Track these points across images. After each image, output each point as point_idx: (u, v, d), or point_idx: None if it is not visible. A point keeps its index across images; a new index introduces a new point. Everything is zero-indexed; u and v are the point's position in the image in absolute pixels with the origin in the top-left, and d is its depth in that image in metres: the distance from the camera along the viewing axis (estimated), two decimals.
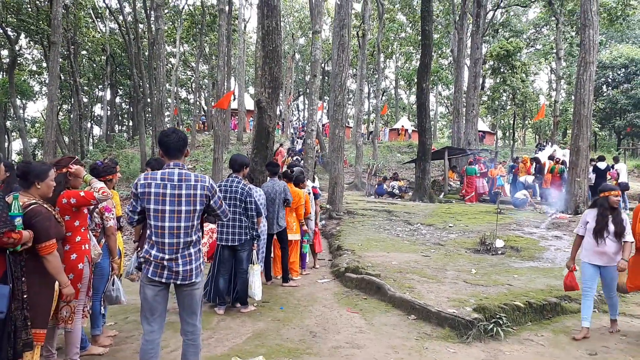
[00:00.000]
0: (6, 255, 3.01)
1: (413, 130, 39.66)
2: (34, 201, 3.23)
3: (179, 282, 3.18)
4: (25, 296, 3.05)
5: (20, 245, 3.02)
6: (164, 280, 3.16)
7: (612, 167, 15.59)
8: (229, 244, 5.59)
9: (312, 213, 7.93)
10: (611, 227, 4.85)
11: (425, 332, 4.95)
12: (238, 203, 5.54)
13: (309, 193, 7.95)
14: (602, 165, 14.09)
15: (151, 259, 3.16)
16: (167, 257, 3.14)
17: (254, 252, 5.79)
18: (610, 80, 32.03)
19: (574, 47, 30.66)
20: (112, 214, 4.29)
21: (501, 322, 4.93)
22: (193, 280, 3.21)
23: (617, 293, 5.24)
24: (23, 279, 3.07)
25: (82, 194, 3.68)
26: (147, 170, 4.35)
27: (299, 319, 5.43)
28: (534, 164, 17.25)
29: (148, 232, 3.23)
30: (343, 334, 4.93)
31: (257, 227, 5.71)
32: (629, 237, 4.86)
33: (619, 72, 31.11)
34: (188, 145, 3.34)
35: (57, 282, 3.43)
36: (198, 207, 3.20)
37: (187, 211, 3.16)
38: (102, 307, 4.51)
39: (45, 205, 3.30)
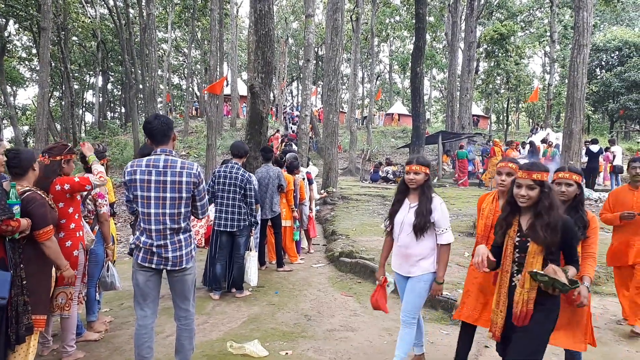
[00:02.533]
0: (5, 243, 3.04)
1: (403, 115, 39.58)
2: (27, 188, 3.24)
3: (169, 268, 3.19)
4: (24, 282, 3.10)
5: (18, 233, 3.05)
6: (153, 266, 3.17)
7: (607, 149, 15.69)
8: (228, 229, 5.61)
9: (307, 199, 7.94)
10: (409, 218, 3.40)
11: None
12: (237, 189, 5.57)
13: (304, 179, 7.95)
14: (594, 148, 14.18)
15: (141, 245, 3.17)
16: (155, 243, 3.14)
17: (252, 238, 5.83)
18: (604, 63, 31.99)
19: (568, 29, 30.60)
20: (106, 201, 4.29)
21: None
22: (184, 266, 3.22)
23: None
24: (21, 265, 3.11)
25: (76, 179, 3.69)
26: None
27: (293, 303, 5.48)
28: (527, 147, 17.31)
29: (138, 218, 3.24)
30: (337, 317, 4.98)
31: (255, 214, 5.74)
32: (444, 237, 3.40)
33: (613, 55, 31.05)
34: (173, 129, 3.27)
35: (53, 269, 3.44)
36: (184, 195, 3.15)
37: (172, 198, 3.12)
38: (97, 294, 4.53)
39: (39, 192, 3.31)
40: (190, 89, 42.28)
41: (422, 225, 3.32)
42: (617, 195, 4.73)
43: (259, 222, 6.27)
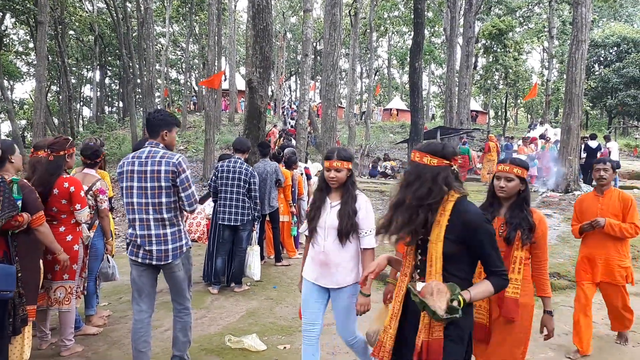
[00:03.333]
0: (8, 237, 3.06)
1: (401, 110, 39.56)
2: (16, 177, 3.25)
3: (154, 263, 3.21)
4: (19, 274, 3.13)
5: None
6: (140, 260, 3.21)
7: (605, 146, 15.68)
8: (231, 223, 5.60)
9: (305, 194, 7.95)
10: (331, 220, 2.90)
11: None
12: (242, 184, 5.58)
13: (302, 174, 7.95)
14: (593, 144, 14.17)
15: (129, 237, 3.25)
16: (138, 233, 3.18)
17: (254, 233, 5.84)
18: (602, 58, 32.03)
19: (566, 25, 30.58)
20: (106, 196, 4.31)
21: None
22: (169, 262, 3.22)
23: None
24: (17, 258, 3.14)
25: (82, 193, 3.75)
26: None
27: (292, 297, 5.49)
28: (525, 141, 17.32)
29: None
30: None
31: (258, 208, 5.77)
32: (367, 240, 2.91)
33: (611, 51, 31.08)
34: (168, 126, 3.27)
35: (41, 261, 3.45)
36: (163, 184, 3.15)
37: (152, 187, 3.15)
38: (96, 288, 4.55)
39: (24, 180, 3.33)
40: (188, 83, 42.16)
41: (348, 228, 2.86)
42: (582, 203, 4.15)
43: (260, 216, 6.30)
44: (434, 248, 1.97)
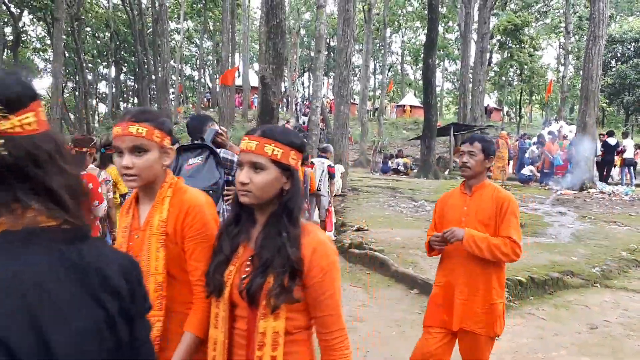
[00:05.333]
0: None
1: (415, 106, 39.35)
2: None
3: None
4: None
5: None
6: None
7: (621, 143, 15.44)
8: None
9: (325, 190, 8.00)
10: None
11: None
12: None
13: (323, 171, 8.01)
14: (612, 141, 13.94)
15: None
16: None
17: None
18: (619, 54, 31.44)
19: (583, 20, 30.11)
20: (110, 185, 4.55)
21: None
22: None
23: None
24: None
25: (99, 189, 3.89)
26: None
27: None
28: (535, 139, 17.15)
29: None
30: (346, 308, 5.01)
31: None
32: None
33: (629, 47, 30.51)
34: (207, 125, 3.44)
35: None
36: None
37: None
38: None
39: None
40: (202, 79, 42.41)
41: None
42: (444, 203, 2.85)
43: None
44: None
